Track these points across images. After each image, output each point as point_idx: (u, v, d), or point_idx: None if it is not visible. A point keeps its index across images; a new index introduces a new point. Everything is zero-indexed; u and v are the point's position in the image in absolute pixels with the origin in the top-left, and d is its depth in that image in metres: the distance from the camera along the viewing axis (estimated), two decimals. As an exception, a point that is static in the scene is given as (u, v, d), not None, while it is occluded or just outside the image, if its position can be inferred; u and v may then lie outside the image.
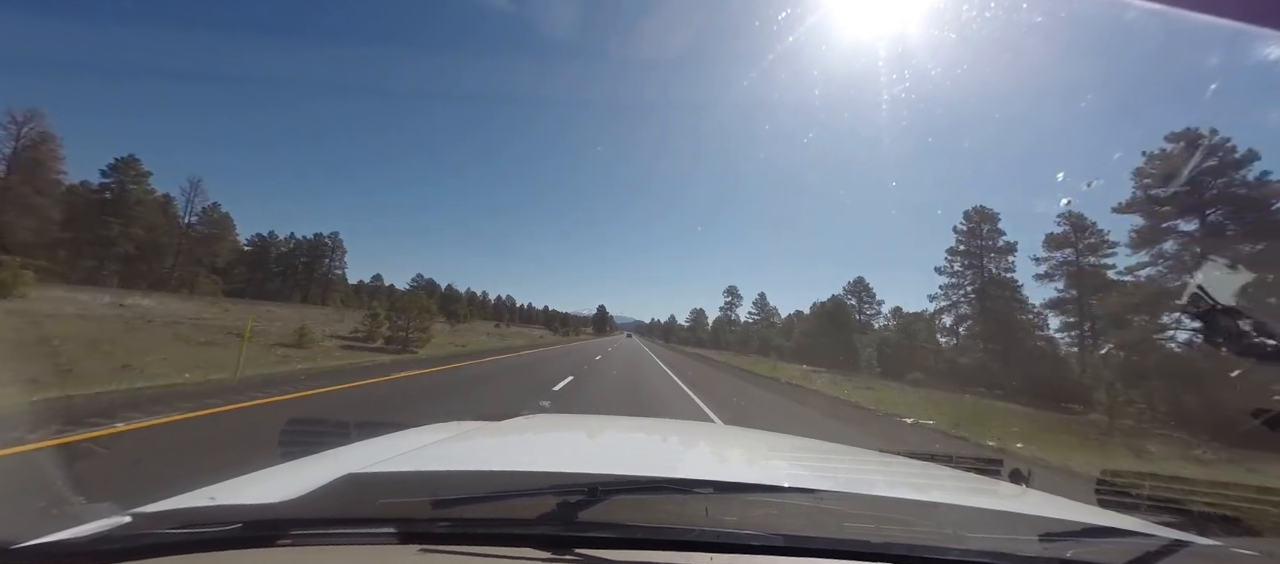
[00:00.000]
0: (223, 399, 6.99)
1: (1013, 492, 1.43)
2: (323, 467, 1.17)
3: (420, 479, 1.12)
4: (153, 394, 6.86)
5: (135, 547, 0.77)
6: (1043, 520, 1.10)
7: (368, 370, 12.13)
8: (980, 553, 0.87)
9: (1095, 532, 1.05)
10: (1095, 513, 1.38)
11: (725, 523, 0.90)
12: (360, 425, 1.68)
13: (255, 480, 1.12)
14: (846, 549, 0.86)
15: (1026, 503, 1.30)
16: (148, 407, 6.08)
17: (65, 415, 5.26)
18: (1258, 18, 1.04)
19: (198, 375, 8.59)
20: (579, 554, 0.80)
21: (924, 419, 13.34)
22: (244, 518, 0.83)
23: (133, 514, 0.83)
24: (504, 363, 18.51)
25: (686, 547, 0.84)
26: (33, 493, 3.37)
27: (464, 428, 1.88)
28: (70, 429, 4.86)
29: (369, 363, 13.79)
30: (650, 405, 11.27)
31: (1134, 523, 1.19)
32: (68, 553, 0.76)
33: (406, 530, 0.83)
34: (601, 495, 0.91)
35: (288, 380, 9.36)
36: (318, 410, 7.10)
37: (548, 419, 2.38)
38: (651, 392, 13.85)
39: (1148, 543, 0.97)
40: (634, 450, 1.84)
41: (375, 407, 7.99)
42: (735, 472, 1.62)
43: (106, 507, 0.85)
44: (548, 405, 9.65)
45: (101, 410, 5.70)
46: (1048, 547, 0.92)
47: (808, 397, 17.63)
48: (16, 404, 5.48)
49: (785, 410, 13.26)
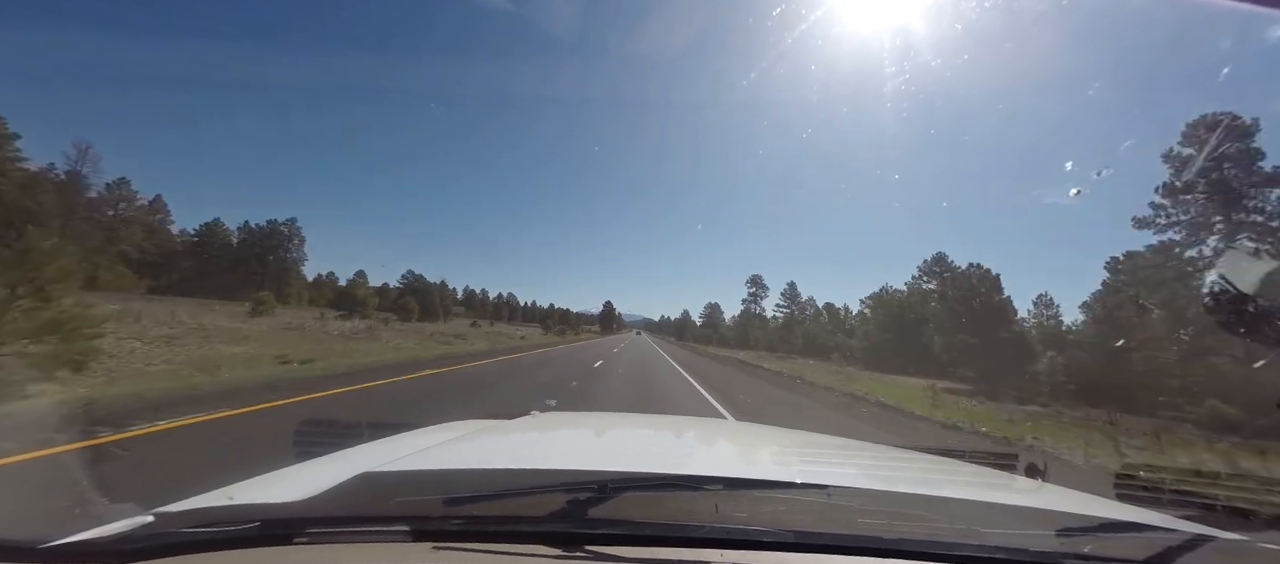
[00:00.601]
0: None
1: (1029, 486, 1.41)
2: (337, 466, 1.18)
3: (433, 478, 1.13)
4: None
5: (157, 545, 0.79)
6: (1060, 515, 1.08)
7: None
8: (995, 548, 0.86)
9: (1114, 526, 1.03)
10: (1114, 507, 1.35)
11: (735, 519, 0.90)
12: (372, 426, 1.71)
13: (272, 480, 1.14)
14: (859, 545, 0.85)
15: (1043, 497, 1.28)
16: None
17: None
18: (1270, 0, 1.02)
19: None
20: (589, 551, 0.80)
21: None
22: (261, 517, 0.85)
23: (155, 514, 0.85)
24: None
25: (697, 543, 0.84)
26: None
27: (475, 427, 1.90)
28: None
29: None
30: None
31: (1154, 517, 1.16)
32: (93, 552, 0.78)
33: (420, 528, 0.84)
34: (611, 493, 0.91)
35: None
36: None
37: (557, 417, 2.39)
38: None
39: (1169, 538, 0.95)
40: (643, 448, 1.84)
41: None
42: (745, 468, 1.62)
43: (129, 507, 0.87)
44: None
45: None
46: (1065, 542, 0.91)
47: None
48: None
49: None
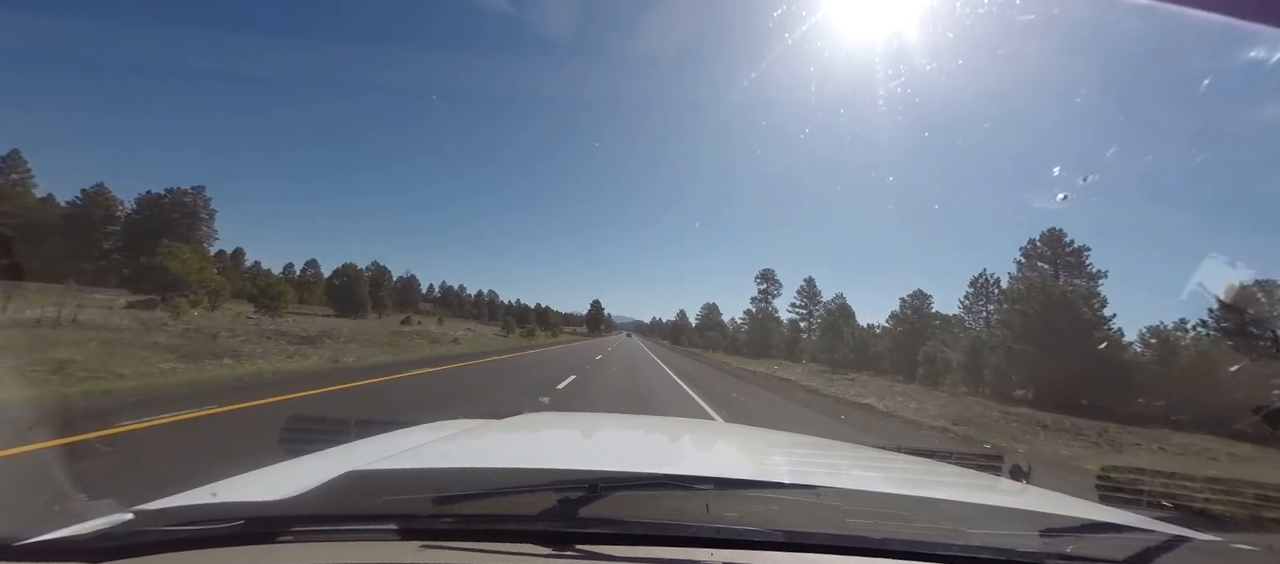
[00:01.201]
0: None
1: (1013, 488, 1.44)
2: (324, 464, 1.17)
3: (421, 476, 1.12)
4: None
5: (137, 544, 0.78)
6: (1043, 516, 1.10)
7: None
8: (980, 548, 0.87)
9: (1095, 527, 1.05)
10: (1096, 509, 1.38)
11: (725, 519, 0.90)
12: (361, 423, 1.69)
13: (257, 478, 1.12)
14: (846, 545, 0.86)
15: (1027, 499, 1.30)
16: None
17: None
18: (1250, 14, 1.05)
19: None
20: (580, 550, 0.80)
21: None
22: (245, 515, 0.83)
23: (135, 511, 0.83)
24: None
25: (687, 542, 0.84)
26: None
27: (464, 426, 1.89)
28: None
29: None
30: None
31: (1134, 518, 1.19)
32: (70, 550, 0.77)
33: (408, 527, 0.83)
34: (602, 492, 0.91)
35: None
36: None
37: (549, 417, 2.39)
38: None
39: (1148, 538, 0.97)
40: (635, 447, 1.84)
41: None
42: (736, 468, 1.62)
43: (108, 504, 0.86)
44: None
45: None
46: (1048, 542, 0.92)
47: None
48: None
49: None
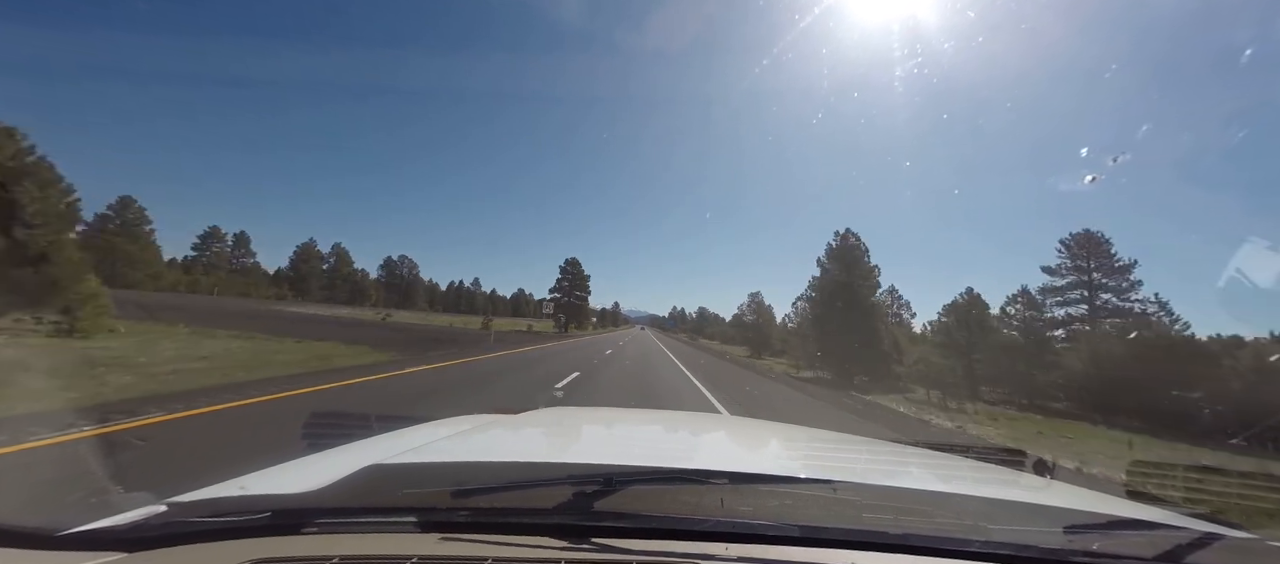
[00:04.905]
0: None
1: (1036, 483, 1.40)
2: (347, 458, 1.19)
3: (441, 470, 1.14)
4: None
5: (170, 534, 0.81)
6: (1068, 512, 1.07)
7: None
8: (1002, 545, 0.85)
9: (1122, 524, 1.02)
10: (1123, 505, 1.34)
11: (740, 513, 0.90)
12: (382, 418, 1.73)
13: (283, 471, 1.15)
14: (864, 540, 0.85)
15: (1051, 495, 1.27)
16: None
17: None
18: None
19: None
20: (596, 543, 0.81)
21: None
22: (272, 507, 0.86)
23: (168, 503, 0.86)
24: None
25: (702, 536, 0.84)
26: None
27: (482, 421, 1.91)
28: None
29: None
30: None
31: (1163, 515, 1.15)
32: (108, 540, 0.80)
33: (427, 519, 0.85)
34: (618, 486, 0.91)
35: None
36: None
37: (565, 412, 2.41)
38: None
39: (1178, 536, 0.94)
40: (650, 442, 1.85)
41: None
42: (751, 463, 1.62)
43: (143, 496, 0.89)
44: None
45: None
46: (1073, 539, 0.90)
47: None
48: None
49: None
